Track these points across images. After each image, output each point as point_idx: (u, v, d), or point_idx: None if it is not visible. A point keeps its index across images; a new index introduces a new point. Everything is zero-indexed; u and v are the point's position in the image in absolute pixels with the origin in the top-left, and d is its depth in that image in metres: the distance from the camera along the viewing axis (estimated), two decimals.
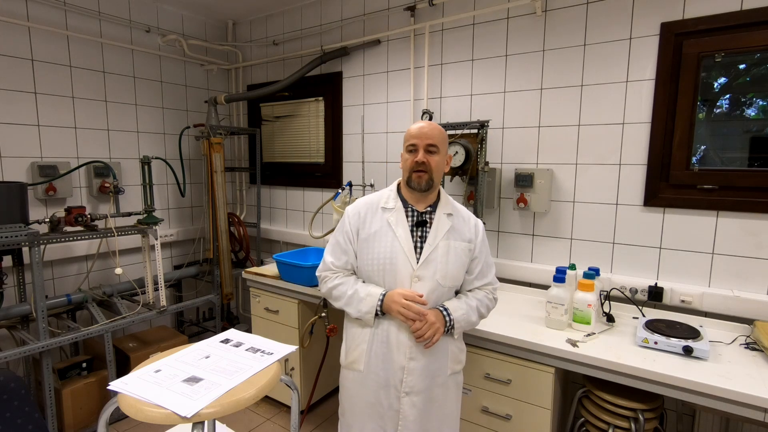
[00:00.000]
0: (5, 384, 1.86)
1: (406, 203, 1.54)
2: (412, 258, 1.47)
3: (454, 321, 1.49)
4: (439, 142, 1.48)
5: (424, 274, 1.48)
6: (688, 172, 1.95)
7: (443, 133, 1.51)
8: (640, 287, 2.02)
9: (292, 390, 1.35)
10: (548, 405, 1.72)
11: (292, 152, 3.46)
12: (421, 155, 1.46)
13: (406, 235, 1.49)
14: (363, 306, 1.48)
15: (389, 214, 1.52)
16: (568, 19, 2.16)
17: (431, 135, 1.47)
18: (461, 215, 1.58)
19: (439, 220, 1.52)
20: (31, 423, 1.87)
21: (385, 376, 1.50)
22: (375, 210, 1.54)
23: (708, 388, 1.40)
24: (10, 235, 2.03)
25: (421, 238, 1.50)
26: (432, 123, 1.51)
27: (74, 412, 2.44)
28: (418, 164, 1.46)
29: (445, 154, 1.52)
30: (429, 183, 1.48)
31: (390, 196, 1.56)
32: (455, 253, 1.51)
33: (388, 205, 1.53)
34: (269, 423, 2.62)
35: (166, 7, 3.20)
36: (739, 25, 1.79)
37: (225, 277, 3.12)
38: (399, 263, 1.47)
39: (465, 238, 1.54)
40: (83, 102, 2.81)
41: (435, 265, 1.48)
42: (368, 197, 1.60)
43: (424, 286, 1.47)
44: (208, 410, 0.97)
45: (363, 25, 2.89)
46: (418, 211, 1.53)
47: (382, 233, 1.50)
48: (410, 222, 1.51)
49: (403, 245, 1.48)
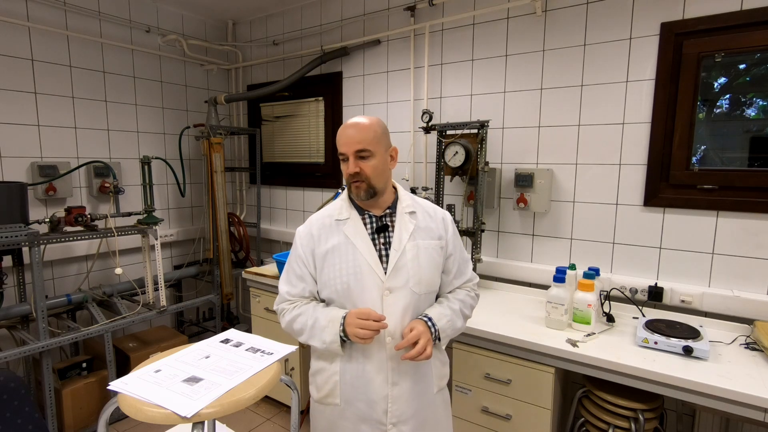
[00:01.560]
0: (5, 384, 1.85)
1: (361, 210, 1.36)
2: (379, 269, 1.29)
3: (440, 330, 1.30)
4: (372, 144, 1.27)
5: (395, 285, 1.29)
6: (688, 172, 1.95)
7: (377, 129, 1.29)
8: (640, 287, 2.02)
9: (292, 390, 1.35)
10: (548, 405, 1.72)
11: (292, 152, 3.46)
12: (353, 165, 1.27)
13: (367, 244, 1.31)
14: (326, 335, 1.27)
15: (345, 225, 1.33)
16: (568, 19, 2.16)
17: (360, 138, 1.26)
18: (426, 211, 1.41)
19: (401, 221, 1.35)
20: (31, 423, 1.87)
21: (366, 409, 1.30)
22: (329, 225, 1.36)
23: (708, 388, 1.40)
24: (10, 235, 2.03)
25: (384, 246, 1.32)
26: (360, 122, 1.29)
27: (74, 412, 2.44)
28: (351, 176, 1.29)
29: (384, 152, 1.31)
30: (370, 191, 1.30)
31: (343, 206, 1.37)
32: (426, 253, 1.33)
33: (342, 215, 1.35)
34: (269, 423, 2.62)
35: (166, 7, 3.20)
36: (739, 25, 1.79)
37: (225, 277, 3.12)
38: (365, 277, 1.28)
39: (434, 235, 1.37)
40: (83, 102, 2.81)
41: (406, 272, 1.30)
42: (320, 213, 1.42)
43: (398, 298, 1.29)
44: (208, 410, 0.97)
45: (363, 25, 2.89)
46: (376, 216, 1.35)
47: (341, 248, 1.31)
48: (369, 229, 1.34)
49: (366, 257, 1.29)
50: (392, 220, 1.36)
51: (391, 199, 1.39)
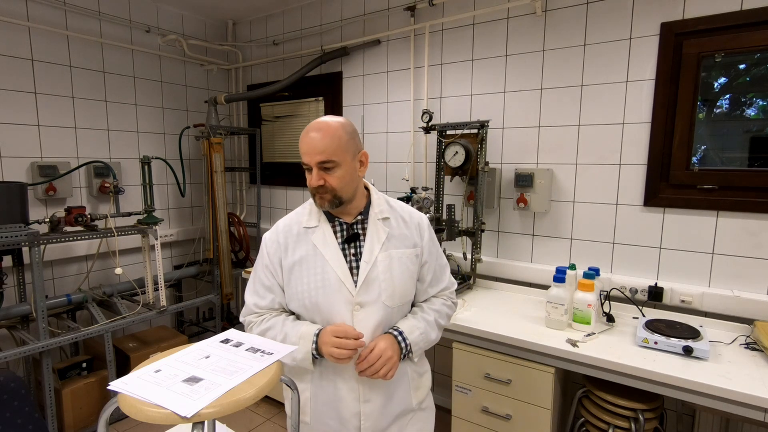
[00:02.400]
0: (5, 384, 1.86)
1: (331, 217, 1.27)
2: (349, 282, 1.20)
3: (411, 344, 1.23)
4: (337, 153, 1.16)
5: (367, 299, 1.21)
6: (688, 172, 1.95)
7: (343, 135, 1.17)
8: (640, 287, 2.02)
9: (292, 390, 1.34)
10: (548, 405, 1.72)
11: (292, 152, 3.46)
12: (316, 177, 1.18)
13: (336, 256, 1.21)
14: (297, 353, 1.19)
15: (314, 234, 1.24)
16: (568, 19, 2.16)
17: (323, 148, 1.15)
18: (401, 217, 1.31)
19: (373, 228, 1.25)
20: (31, 423, 1.87)
21: (337, 427, 1.24)
22: (296, 233, 1.27)
23: (708, 388, 1.40)
24: (10, 235, 2.03)
25: (355, 256, 1.24)
26: (323, 129, 1.17)
27: (74, 412, 2.44)
28: (314, 188, 1.20)
29: (351, 160, 1.20)
30: (335, 201, 1.20)
31: (311, 212, 1.28)
32: (399, 264, 1.24)
33: (310, 223, 1.26)
34: (269, 423, 2.62)
35: (166, 7, 3.20)
36: (739, 25, 1.79)
37: (225, 277, 3.12)
38: (333, 292, 1.20)
39: (409, 243, 1.28)
40: (83, 102, 2.81)
41: (378, 285, 1.21)
42: (287, 218, 1.32)
43: (369, 313, 1.21)
44: (208, 410, 0.97)
45: (363, 25, 2.89)
46: (347, 223, 1.26)
47: (309, 259, 1.22)
48: (340, 238, 1.25)
49: (335, 269, 1.20)
50: (364, 228, 1.26)
51: (363, 203, 1.28)
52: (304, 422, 1.28)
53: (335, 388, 1.24)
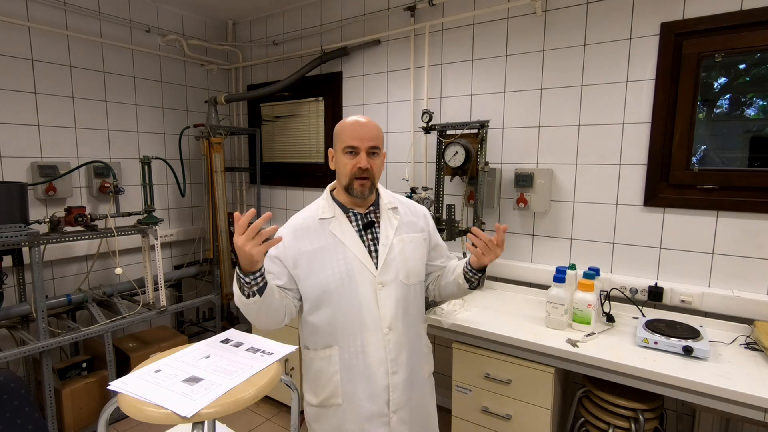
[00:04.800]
0: (5, 384, 1.85)
1: (345, 208, 1.38)
2: (370, 265, 1.32)
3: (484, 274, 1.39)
4: (380, 142, 1.34)
5: (387, 278, 1.33)
6: (688, 172, 1.95)
7: (381, 130, 1.37)
8: (640, 287, 2.02)
9: (292, 390, 1.35)
10: (548, 405, 1.72)
11: (292, 152, 3.46)
12: (365, 160, 1.28)
13: (356, 242, 1.33)
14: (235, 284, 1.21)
15: (331, 224, 1.34)
16: (568, 19, 2.16)
17: (373, 135, 1.30)
18: (406, 206, 1.47)
19: (385, 217, 1.39)
20: (31, 423, 1.87)
21: (369, 406, 1.32)
22: (313, 226, 1.35)
23: (708, 388, 1.40)
24: (10, 235, 2.03)
25: (372, 242, 1.36)
26: (370, 121, 1.33)
27: (74, 412, 2.44)
28: (361, 170, 1.28)
29: (384, 153, 1.39)
30: (372, 190, 1.34)
31: (325, 205, 1.38)
32: (412, 246, 1.39)
33: (326, 214, 1.35)
34: (269, 423, 2.62)
35: (166, 7, 3.20)
36: (739, 25, 1.79)
37: (225, 277, 3.12)
38: (357, 274, 1.31)
39: (417, 228, 1.43)
40: (83, 102, 2.81)
41: (396, 266, 1.34)
42: (301, 213, 1.41)
43: (390, 291, 1.33)
44: (208, 410, 0.97)
45: (363, 25, 2.89)
46: (361, 213, 1.38)
47: (329, 247, 1.32)
48: (356, 227, 1.36)
49: (356, 254, 1.32)
50: (377, 217, 1.39)
51: (374, 196, 1.42)
52: (336, 405, 1.34)
53: (366, 366, 1.32)
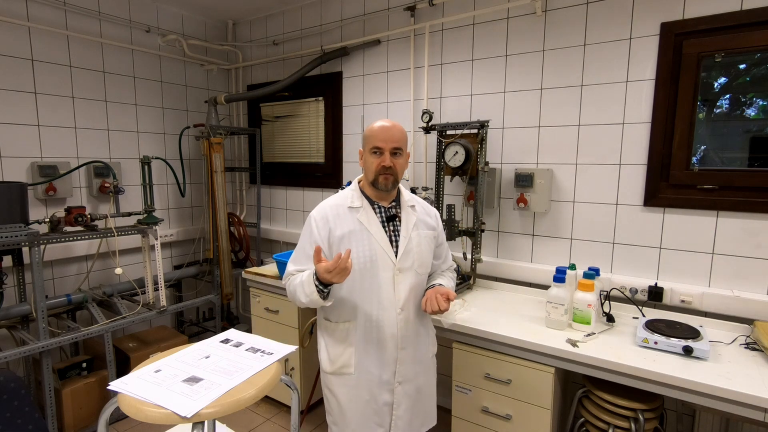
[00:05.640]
0: (5, 384, 1.86)
1: (371, 201, 1.55)
2: (391, 253, 1.50)
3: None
4: (403, 144, 1.50)
5: (404, 266, 1.52)
6: (688, 172, 1.95)
7: (405, 132, 1.53)
8: (640, 287, 2.02)
9: (292, 390, 1.35)
10: (548, 405, 1.72)
11: (292, 152, 3.46)
12: (388, 160, 1.47)
13: (380, 231, 1.51)
14: (306, 287, 1.43)
15: (358, 213, 1.52)
16: (568, 19, 2.16)
17: (397, 138, 1.48)
18: (422, 206, 1.65)
19: (406, 213, 1.57)
20: (31, 423, 1.87)
21: (378, 373, 1.52)
22: (342, 212, 1.52)
23: (708, 388, 1.40)
24: (10, 235, 2.03)
25: (393, 233, 1.54)
26: (395, 122, 1.51)
27: (74, 412, 2.44)
28: (385, 168, 1.47)
29: (407, 153, 1.55)
30: (395, 184, 1.52)
31: (354, 196, 1.55)
32: (426, 242, 1.58)
33: (355, 204, 1.53)
34: (269, 423, 2.62)
35: (166, 7, 3.20)
36: (739, 25, 1.79)
37: (225, 277, 3.12)
38: (379, 260, 1.49)
39: (429, 227, 1.62)
40: (83, 102, 2.81)
41: (412, 256, 1.53)
42: (331, 200, 1.58)
43: (406, 277, 1.52)
44: (208, 410, 0.97)
45: (363, 25, 2.89)
46: (384, 207, 1.56)
47: (356, 233, 1.49)
48: (380, 218, 1.53)
49: (380, 242, 1.50)
50: (398, 211, 1.57)
51: (396, 193, 1.59)
52: (349, 374, 1.52)
53: (378, 340, 1.51)
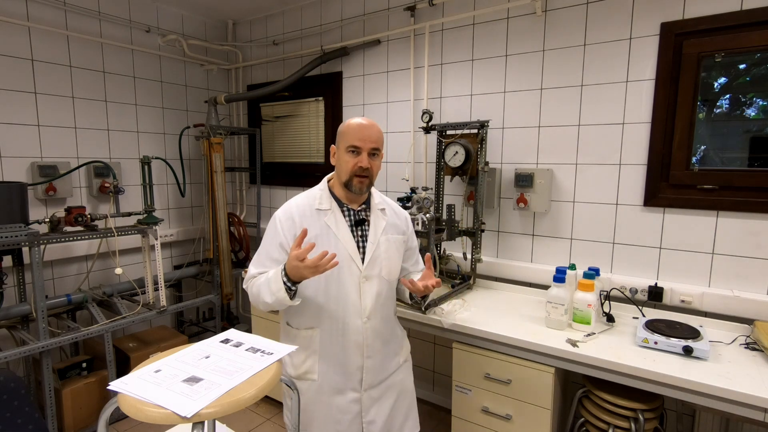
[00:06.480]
0: (5, 384, 1.85)
1: (340, 202, 1.47)
2: (357, 259, 1.43)
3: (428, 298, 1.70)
4: (381, 145, 1.44)
5: (371, 273, 1.44)
6: (688, 172, 1.95)
7: (382, 133, 1.47)
8: (640, 287, 2.02)
9: (292, 390, 1.35)
10: (548, 405, 1.72)
11: (292, 152, 3.46)
12: (366, 160, 1.39)
13: (348, 236, 1.43)
14: (272, 284, 1.33)
15: (326, 216, 1.43)
16: (568, 19, 2.16)
17: (375, 138, 1.41)
18: (393, 209, 1.58)
19: (375, 216, 1.50)
20: (31, 423, 1.87)
21: (342, 381, 1.45)
22: (309, 213, 1.44)
23: (708, 388, 1.40)
24: (10, 235, 2.03)
25: (362, 238, 1.46)
26: (374, 124, 1.44)
27: (74, 412, 2.44)
28: (362, 169, 1.39)
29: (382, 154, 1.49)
30: (369, 187, 1.46)
31: (323, 197, 1.47)
32: (395, 247, 1.51)
33: (323, 206, 1.45)
34: (269, 423, 2.62)
35: (166, 7, 3.20)
36: (739, 25, 1.79)
37: (225, 277, 3.12)
38: (345, 267, 1.40)
39: (399, 231, 1.55)
40: (83, 102, 2.81)
41: (380, 263, 1.46)
42: (297, 199, 1.49)
43: (372, 285, 1.44)
44: (208, 410, 0.97)
45: (363, 25, 2.89)
46: (354, 209, 1.48)
47: (322, 237, 1.40)
48: (348, 222, 1.46)
49: (347, 247, 1.42)
50: (367, 215, 1.50)
51: (367, 195, 1.52)
52: (312, 380, 1.45)
53: (343, 347, 1.44)
